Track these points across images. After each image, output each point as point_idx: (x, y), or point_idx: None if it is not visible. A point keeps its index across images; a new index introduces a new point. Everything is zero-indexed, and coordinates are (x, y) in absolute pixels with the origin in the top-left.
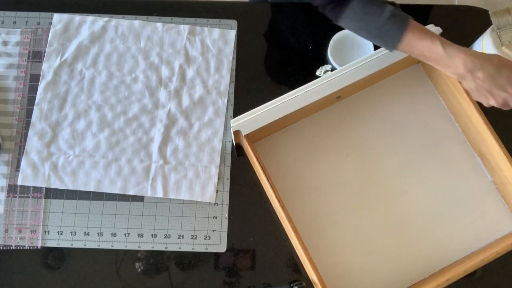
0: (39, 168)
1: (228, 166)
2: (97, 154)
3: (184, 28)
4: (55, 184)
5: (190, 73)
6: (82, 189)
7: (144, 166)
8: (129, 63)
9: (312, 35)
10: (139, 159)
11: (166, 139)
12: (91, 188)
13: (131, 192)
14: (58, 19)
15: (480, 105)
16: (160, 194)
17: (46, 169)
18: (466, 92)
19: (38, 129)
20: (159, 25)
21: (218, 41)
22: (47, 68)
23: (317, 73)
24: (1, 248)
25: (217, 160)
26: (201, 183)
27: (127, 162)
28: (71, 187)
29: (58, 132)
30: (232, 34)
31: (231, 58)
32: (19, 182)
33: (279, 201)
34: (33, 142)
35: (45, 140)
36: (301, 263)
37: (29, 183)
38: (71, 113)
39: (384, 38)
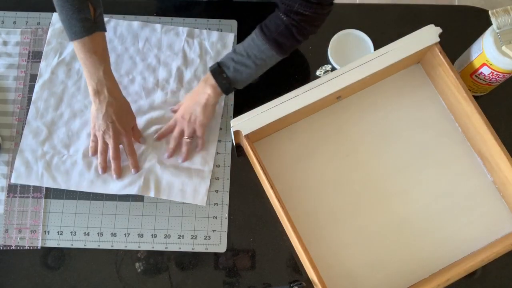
0: (33, 166)
1: (228, 166)
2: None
3: (183, 30)
4: (48, 183)
5: (187, 75)
6: (73, 189)
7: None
8: (127, 64)
9: (312, 35)
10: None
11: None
12: (84, 188)
13: (123, 192)
14: (58, 18)
15: (479, 104)
16: (151, 194)
17: (40, 167)
18: (466, 91)
19: (34, 128)
20: (157, 26)
21: (217, 43)
22: (45, 66)
23: (317, 73)
24: (1, 248)
25: (211, 163)
26: (193, 185)
27: (122, 163)
28: (63, 187)
29: (53, 131)
30: (231, 37)
31: None
32: (12, 180)
33: (279, 201)
34: (28, 140)
35: (40, 139)
36: (301, 263)
37: (22, 181)
38: (67, 112)
39: (68, 29)
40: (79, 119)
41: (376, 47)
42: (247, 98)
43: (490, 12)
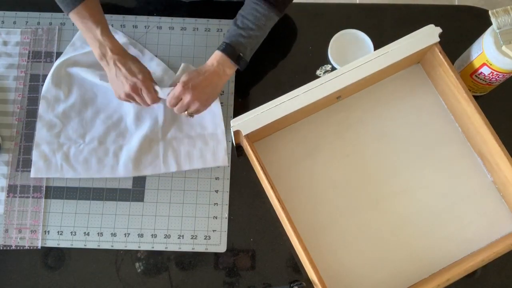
0: (51, 159)
1: (228, 166)
2: (108, 140)
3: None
4: (69, 174)
5: None
6: (96, 176)
7: (154, 144)
8: None
9: (312, 35)
10: (148, 139)
11: (169, 115)
12: (106, 174)
13: (145, 173)
14: None
15: (479, 104)
16: (173, 168)
17: (58, 159)
18: (466, 91)
19: (47, 121)
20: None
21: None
22: (59, 62)
23: (317, 73)
24: (1, 248)
25: (221, 124)
26: (211, 149)
27: (137, 144)
28: (84, 176)
29: (67, 122)
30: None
31: None
32: (32, 175)
33: (279, 201)
34: (42, 134)
35: (55, 131)
36: (301, 263)
37: (43, 174)
38: (78, 102)
39: (61, 4)
40: (91, 107)
41: (376, 47)
42: (247, 98)
43: (490, 12)
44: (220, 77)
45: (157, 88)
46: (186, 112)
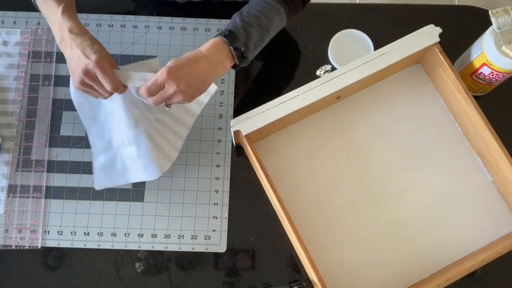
0: (111, 168)
1: (228, 166)
2: (143, 142)
3: None
4: (132, 178)
5: None
6: (152, 178)
7: (159, 128)
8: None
9: (312, 35)
10: (151, 129)
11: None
12: (158, 175)
13: (178, 150)
14: None
15: (479, 104)
16: (187, 131)
17: (118, 166)
18: (466, 91)
19: (96, 132)
20: None
21: None
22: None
23: (317, 73)
24: (1, 248)
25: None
26: None
27: (148, 138)
28: (145, 179)
29: (111, 127)
30: None
31: None
32: (97, 188)
33: (279, 201)
34: (97, 145)
35: (106, 140)
36: (301, 263)
37: (108, 184)
38: (107, 106)
39: None
40: (122, 111)
41: (376, 47)
42: (247, 98)
43: (490, 12)
44: (215, 68)
45: (130, 74)
46: (163, 103)
